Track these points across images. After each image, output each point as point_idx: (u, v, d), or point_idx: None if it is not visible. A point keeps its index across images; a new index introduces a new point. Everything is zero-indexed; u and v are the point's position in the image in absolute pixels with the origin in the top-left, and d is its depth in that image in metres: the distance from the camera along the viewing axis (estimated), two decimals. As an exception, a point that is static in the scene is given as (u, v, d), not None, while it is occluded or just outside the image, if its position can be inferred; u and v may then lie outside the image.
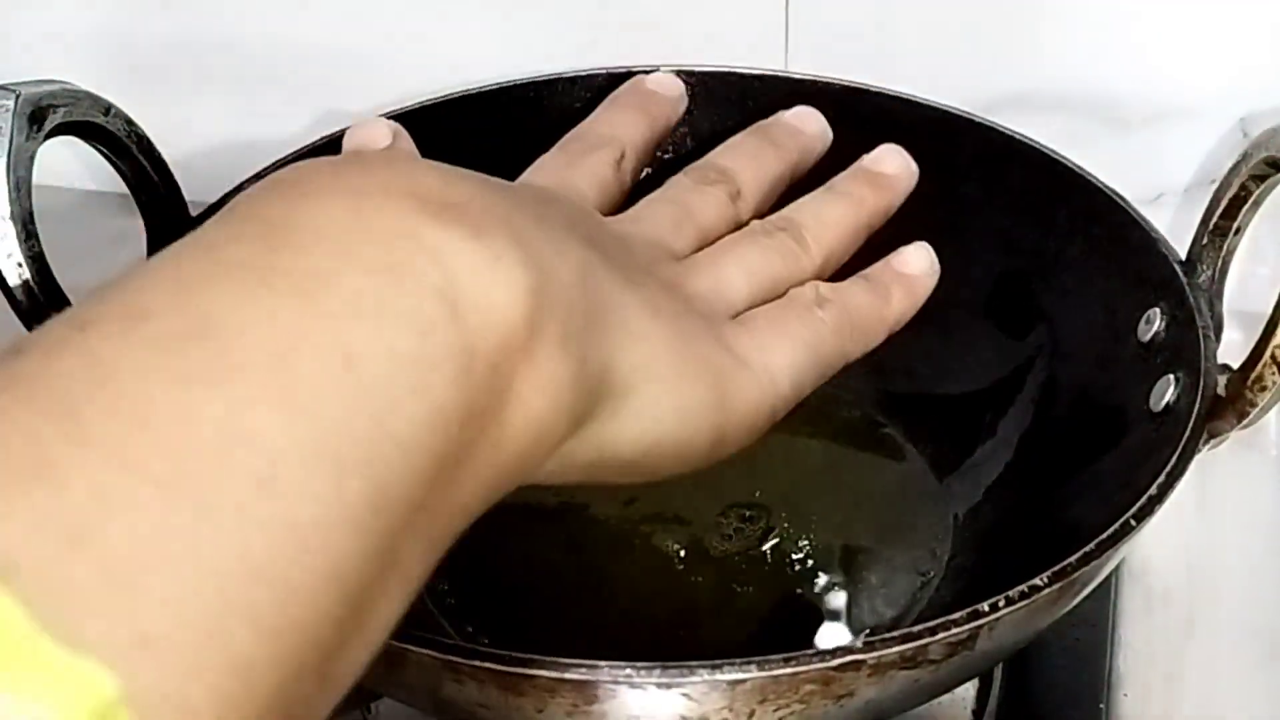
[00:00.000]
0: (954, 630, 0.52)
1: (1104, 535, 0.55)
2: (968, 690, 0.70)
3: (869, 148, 0.78)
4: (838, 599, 0.71)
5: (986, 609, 0.52)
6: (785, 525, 0.73)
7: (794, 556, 0.72)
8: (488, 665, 0.51)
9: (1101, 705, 0.69)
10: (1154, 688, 0.71)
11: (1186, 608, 0.75)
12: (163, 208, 0.69)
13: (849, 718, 0.54)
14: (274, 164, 0.73)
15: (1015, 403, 0.74)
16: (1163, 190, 0.89)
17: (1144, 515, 0.56)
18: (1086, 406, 0.69)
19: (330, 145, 0.75)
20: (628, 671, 0.50)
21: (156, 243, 0.69)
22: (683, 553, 0.72)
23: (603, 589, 0.71)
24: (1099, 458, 0.66)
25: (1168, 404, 0.63)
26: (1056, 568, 0.54)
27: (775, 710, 0.52)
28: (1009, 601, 0.53)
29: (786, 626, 0.70)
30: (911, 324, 0.78)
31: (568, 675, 0.51)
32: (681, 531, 0.73)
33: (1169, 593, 0.76)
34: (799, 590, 0.71)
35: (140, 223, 0.69)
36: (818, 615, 0.70)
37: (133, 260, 0.68)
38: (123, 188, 0.69)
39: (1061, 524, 0.66)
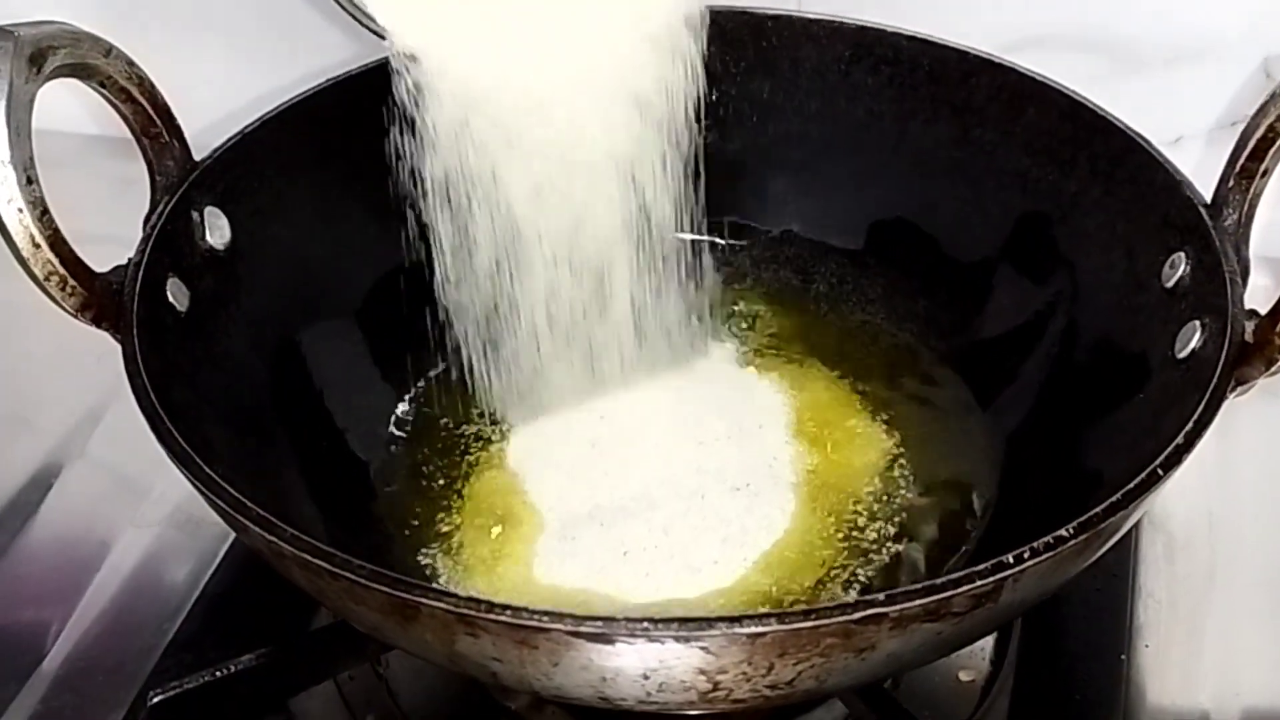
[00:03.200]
0: (978, 583, 0.51)
1: (1131, 485, 0.54)
2: (986, 641, 0.69)
3: (884, 90, 0.77)
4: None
5: (1011, 561, 0.51)
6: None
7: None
8: (502, 619, 0.50)
9: (1123, 656, 0.68)
10: (1175, 638, 0.70)
11: (1208, 556, 0.74)
12: (166, 152, 0.68)
13: (869, 670, 0.53)
14: (279, 108, 0.72)
15: (1036, 349, 0.72)
16: (1183, 132, 0.87)
17: (1171, 464, 0.55)
18: (1109, 353, 0.68)
19: (334, 89, 0.74)
20: (645, 625, 0.49)
21: (159, 189, 0.67)
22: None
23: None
24: (1121, 405, 0.65)
25: (1193, 350, 0.62)
26: (1083, 518, 0.53)
27: (795, 664, 0.51)
28: (1034, 553, 0.51)
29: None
30: (929, 269, 0.77)
31: (583, 629, 0.49)
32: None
33: (1191, 541, 0.75)
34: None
35: (143, 167, 0.68)
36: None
37: (136, 205, 0.68)
38: (125, 131, 0.67)
39: (1084, 472, 0.65)
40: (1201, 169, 0.73)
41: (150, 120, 0.68)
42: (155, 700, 0.64)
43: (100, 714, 0.68)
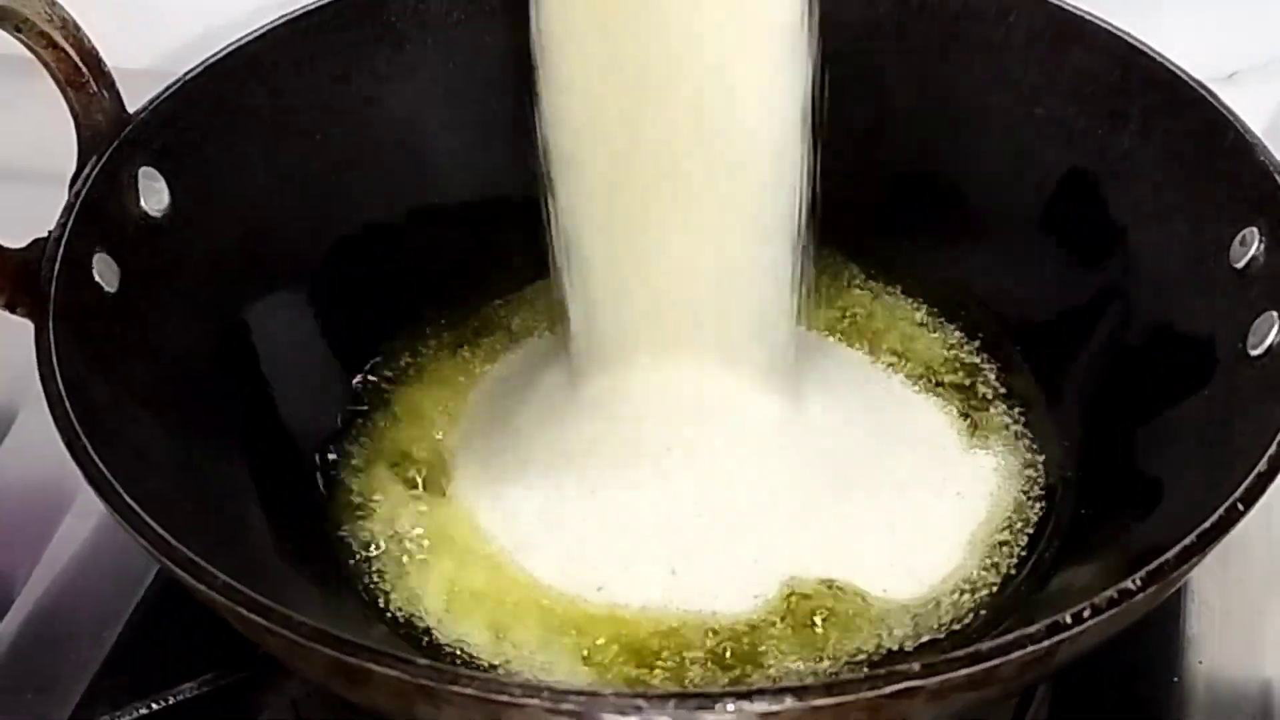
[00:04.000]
0: (1030, 648, 0.43)
1: (1206, 524, 0.46)
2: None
3: (910, 25, 0.69)
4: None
5: (1069, 621, 0.44)
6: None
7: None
8: (467, 691, 0.42)
9: (1175, 679, 0.60)
10: (1232, 652, 0.63)
11: (1266, 555, 0.66)
12: (95, 105, 0.60)
13: (897, 736, 0.46)
14: (225, 50, 0.64)
15: (1081, 330, 0.64)
16: (1238, 66, 0.79)
17: (1253, 498, 0.48)
18: (1168, 338, 0.60)
19: (290, 27, 0.66)
20: (637, 702, 0.42)
21: (87, 147, 0.59)
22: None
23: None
24: (1184, 401, 0.57)
25: (1270, 348, 0.54)
26: (1151, 567, 0.45)
27: (813, 738, 0.44)
28: (1095, 611, 0.44)
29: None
30: (960, 231, 0.69)
31: (564, 706, 0.42)
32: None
33: (1247, 538, 0.66)
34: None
35: (37, 86, 0.59)
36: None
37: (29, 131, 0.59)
38: (13, 47, 0.58)
39: (1140, 478, 0.58)
40: (1266, 109, 0.66)
41: (76, 69, 0.59)
42: (83, 739, 0.57)
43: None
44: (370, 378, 0.67)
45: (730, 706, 0.42)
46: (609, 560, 0.60)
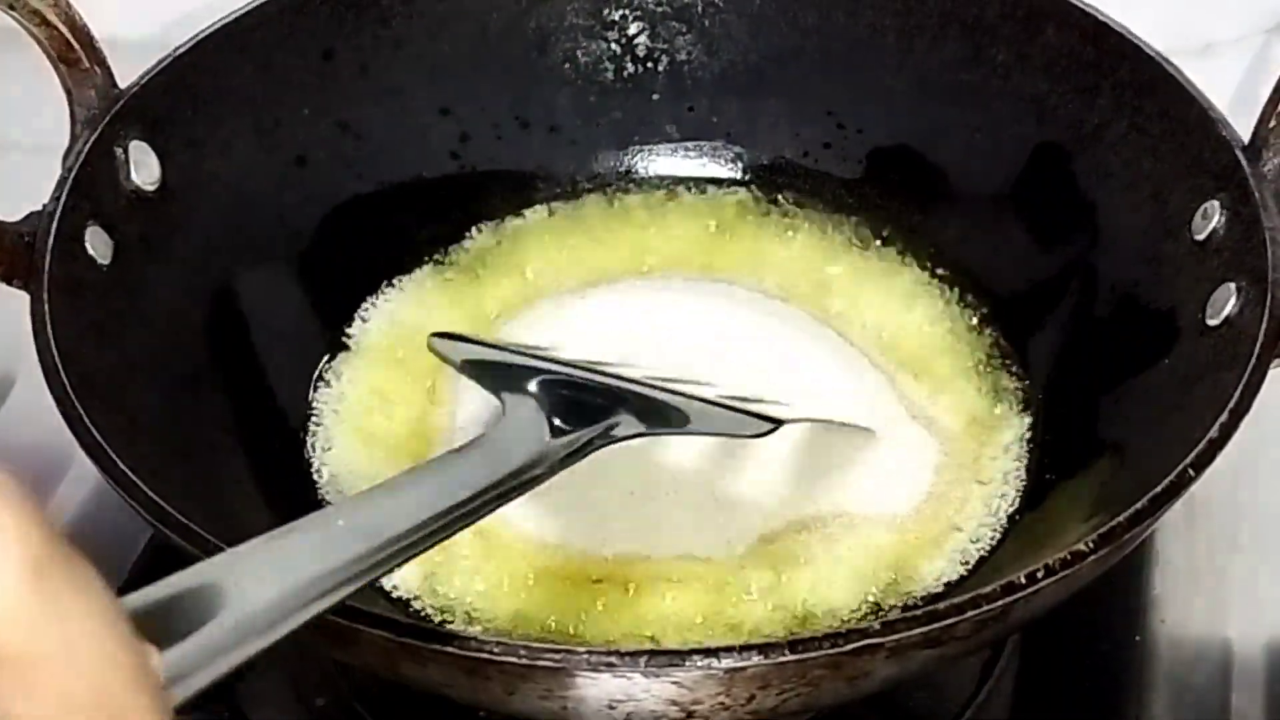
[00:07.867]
0: (985, 608, 0.45)
1: (1158, 489, 0.48)
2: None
3: (888, 1, 0.70)
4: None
5: (1023, 581, 0.45)
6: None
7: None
8: (448, 650, 0.44)
9: (1138, 637, 0.62)
10: (1195, 612, 0.65)
11: (1232, 519, 0.68)
12: (87, 81, 0.61)
13: (860, 692, 0.48)
14: (216, 25, 0.65)
15: (1051, 298, 0.65)
16: (1212, 39, 0.80)
17: (1204, 463, 0.49)
18: (1132, 308, 0.61)
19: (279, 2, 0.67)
20: (610, 659, 0.44)
21: (79, 123, 0.61)
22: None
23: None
24: (1145, 370, 0.59)
25: (1227, 318, 0.55)
26: (1104, 529, 0.47)
27: (779, 693, 0.46)
28: (1049, 572, 0.46)
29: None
30: (935, 203, 0.71)
31: (540, 662, 0.44)
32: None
33: (1212, 501, 0.68)
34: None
35: (30, 60, 0.61)
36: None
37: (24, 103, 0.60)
38: (6, 19, 0.60)
39: (1104, 443, 0.59)
40: (1233, 83, 0.67)
41: (68, 45, 0.61)
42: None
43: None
44: (357, 346, 0.68)
45: (700, 663, 0.44)
46: (599, 514, 0.60)
